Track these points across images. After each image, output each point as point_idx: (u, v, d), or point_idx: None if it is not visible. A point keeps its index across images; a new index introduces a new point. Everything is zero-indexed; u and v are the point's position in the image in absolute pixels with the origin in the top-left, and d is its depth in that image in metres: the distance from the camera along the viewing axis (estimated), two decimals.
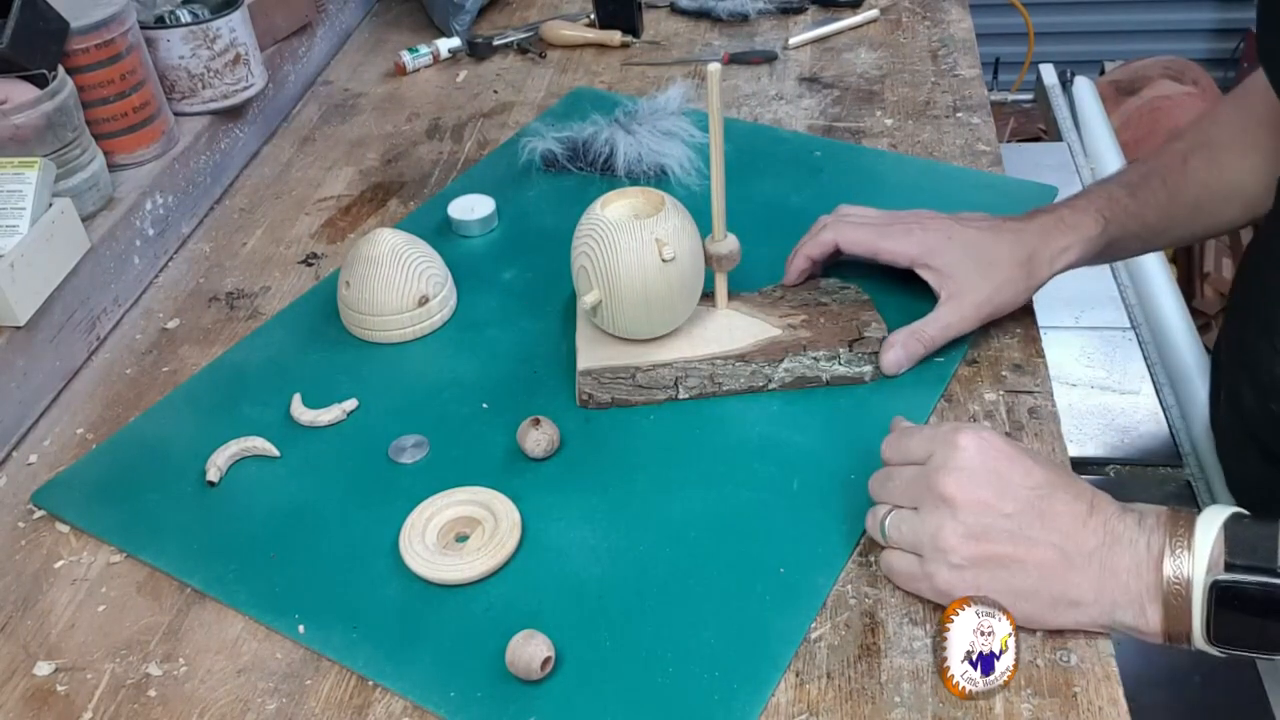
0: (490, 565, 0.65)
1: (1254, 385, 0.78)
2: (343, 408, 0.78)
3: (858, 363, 0.76)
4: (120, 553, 0.70)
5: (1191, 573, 0.53)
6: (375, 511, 0.70)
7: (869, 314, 0.79)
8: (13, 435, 0.79)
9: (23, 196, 0.79)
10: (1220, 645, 0.54)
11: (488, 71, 1.26)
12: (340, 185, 1.07)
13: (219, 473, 0.73)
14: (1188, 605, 0.54)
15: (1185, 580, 0.54)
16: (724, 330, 0.78)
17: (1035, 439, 0.72)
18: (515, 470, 0.72)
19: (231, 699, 0.61)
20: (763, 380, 0.76)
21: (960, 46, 1.23)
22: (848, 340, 0.76)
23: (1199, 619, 0.53)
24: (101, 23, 0.89)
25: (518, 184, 1.03)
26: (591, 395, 0.76)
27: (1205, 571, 0.53)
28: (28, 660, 0.64)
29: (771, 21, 1.32)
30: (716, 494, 0.70)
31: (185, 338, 0.88)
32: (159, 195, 0.96)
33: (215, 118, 1.04)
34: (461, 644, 0.62)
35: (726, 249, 0.76)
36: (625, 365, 0.76)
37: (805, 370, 0.76)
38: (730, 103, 1.15)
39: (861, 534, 0.67)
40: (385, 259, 0.82)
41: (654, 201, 0.76)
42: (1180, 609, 0.54)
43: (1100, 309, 1.21)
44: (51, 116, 0.83)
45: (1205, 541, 0.54)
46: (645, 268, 0.72)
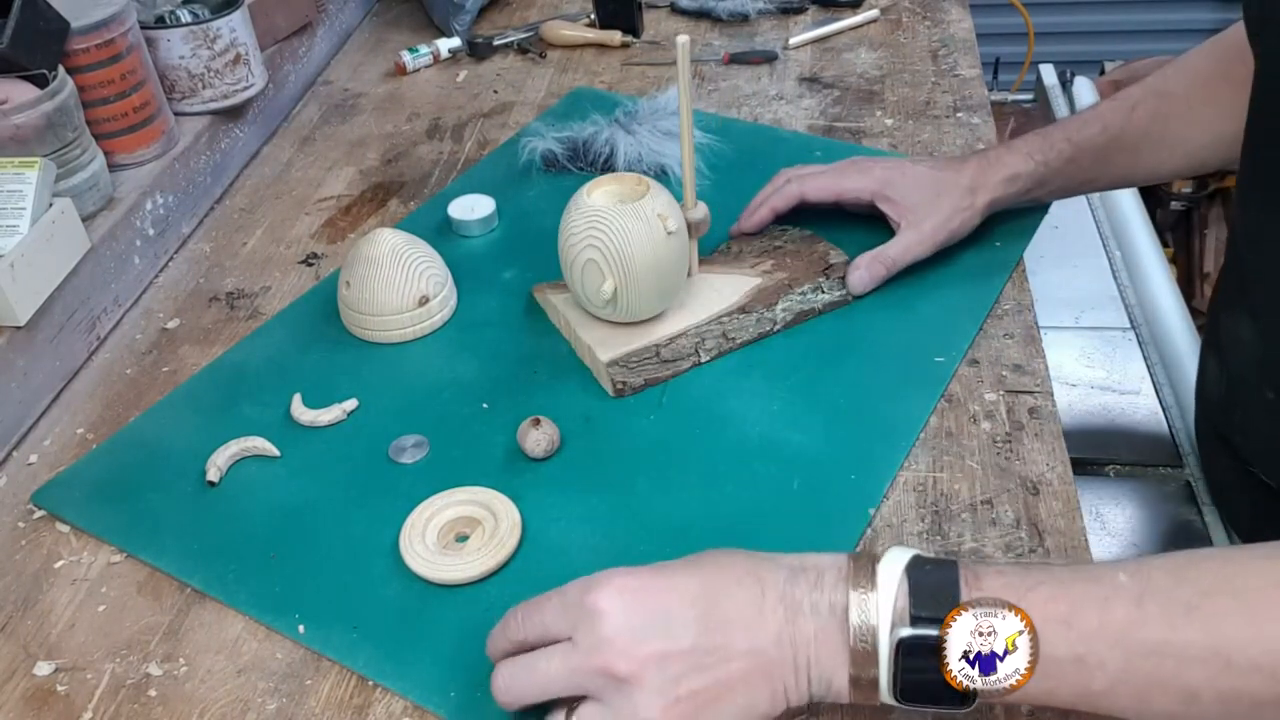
0: (490, 565, 0.65)
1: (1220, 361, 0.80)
2: (343, 408, 0.78)
3: (837, 287, 0.83)
4: (120, 553, 0.70)
5: (877, 621, 0.50)
6: (375, 511, 0.70)
7: (822, 245, 0.86)
8: (13, 435, 0.79)
9: (23, 196, 0.79)
10: (906, 701, 0.50)
11: (488, 71, 1.26)
12: (340, 185, 1.07)
13: (219, 473, 0.73)
14: (875, 654, 0.50)
15: (872, 629, 0.50)
16: (711, 291, 0.82)
17: (1035, 439, 0.72)
18: (515, 470, 0.72)
19: (231, 699, 0.61)
20: (768, 325, 0.81)
21: (960, 46, 1.23)
22: (821, 270, 0.83)
23: (885, 673, 0.50)
24: (101, 23, 0.89)
25: (518, 184, 1.03)
26: (625, 382, 0.77)
27: (890, 626, 0.49)
28: (28, 660, 0.64)
29: (771, 21, 1.32)
30: (716, 494, 0.70)
31: (185, 338, 0.88)
32: (159, 195, 0.96)
33: (215, 118, 1.04)
34: (462, 644, 0.62)
35: (699, 215, 0.80)
36: (646, 345, 0.78)
37: (800, 305, 0.82)
38: (730, 103, 1.15)
39: (862, 534, 0.67)
40: (385, 259, 0.82)
41: (632, 183, 0.78)
42: (867, 656, 0.50)
43: (1100, 309, 1.21)
44: (51, 116, 0.83)
45: (889, 591, 0.50)
46: (655, 245, 0.74)
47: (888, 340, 0.81)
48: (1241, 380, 0.79)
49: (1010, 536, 0.66)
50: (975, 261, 0.87)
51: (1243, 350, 0.79)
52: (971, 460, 0.72)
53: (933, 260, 0.86)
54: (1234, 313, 0.80)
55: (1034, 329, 0.81)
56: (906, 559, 0.51)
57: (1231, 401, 0.82)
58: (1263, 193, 0.72)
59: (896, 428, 0.74)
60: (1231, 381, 0.82)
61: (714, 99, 1.16)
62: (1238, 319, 0.79)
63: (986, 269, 0.87)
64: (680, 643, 0.50)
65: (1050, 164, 0.83)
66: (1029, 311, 0.83)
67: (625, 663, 0.50)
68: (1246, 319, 0.78)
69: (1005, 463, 0.71)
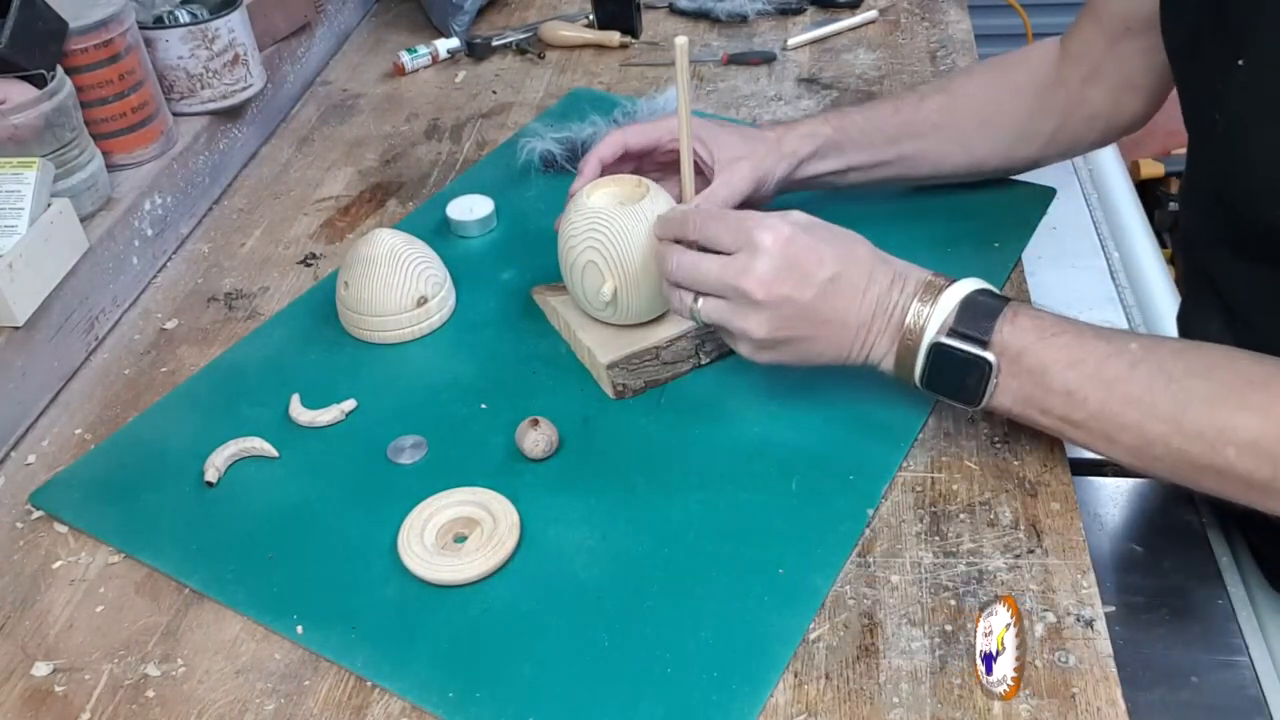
0: (489, 566, 0.65)
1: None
2: (341, 408, 0.78)
3: None
4: (118, 553, 0.70)
5: (924, 328, 0.66)
6: (374, 512, 0.70)
7: None
8: (11, 435, 0.78)
9: (21, 197, 0.79)
10: (927, 389, 0.67)
11: (486, 72, 1.26)
12: (339, 185, 1.07)
13: (217, 473, 0.73)
14: (915, 354, 0.66)
15: (917, 333, 0.66)
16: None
17: (1033, 439, 0.72)
18: (514, 471, 0.72)
19: (230, 699, 0.61)
20: None
21: (959, 47, 1.23)
22: None
23: (919, 367, 0.66)
24: (100, 23, 0.89)
25: (516, 184, 1.03)
26: (626, 385, 0.77)
27: (935, 332, 0.65)
28: (26, 661, 0.64)
29: (770, 22, 1.32)
30: (715, 494, 0.70)
31: (184, 338, 0.88)
32: (157, 195, 0.96)
33: (214, 118, 1.04)
34: (460, 644, 0.62)
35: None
36: (647, 348, 0.78)
37: None
38: (729, 103, 1.15)
39: (861, 535, 0.67)
40: (384, 259, 0.82)
41: (632, 185, 0.78)
42: (908, 355, 0.67)
43: (1099, 310, 1.21)
44: (50, 117, 0.83)
45: (944, 309, 0.65)
46: (656, 247, 0.74)
47: None
48: None
49: (1009, 537, 0.66)
50: (974, 262, 0.87)
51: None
52: (970, 460, 0.72)
53: (932, 261, 0.85)
54: (1201, 313, 0.82)
55: None
56: (969, 290, 0.66)
57: None
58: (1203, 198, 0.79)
59: (894, 428, 0.74)
60: None
61: (713, 100, 1.16)
62: (1205, 319, 0.81)
63: (985, 269, 0.85)
64: (804, 295, 0.66)
65: (845, 131, 0.86)
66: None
67: (762, 291, 0.66)
68: (1214, 316, 0.79)
69: (1003, 463, 0.71)
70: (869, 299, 0.67)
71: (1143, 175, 1.81)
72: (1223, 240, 0.76)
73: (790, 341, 0.68)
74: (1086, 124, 0.88)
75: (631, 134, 0.84)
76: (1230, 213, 0.73)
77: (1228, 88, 0.68)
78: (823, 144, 0.86)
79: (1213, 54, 0.70)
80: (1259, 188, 0.67)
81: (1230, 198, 0.72)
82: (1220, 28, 0.69)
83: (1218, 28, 0.70)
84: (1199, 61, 0.73)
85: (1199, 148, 0.78)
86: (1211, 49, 0.71)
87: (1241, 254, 0.74)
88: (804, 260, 0.66)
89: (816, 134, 0.86)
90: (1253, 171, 0.68)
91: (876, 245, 0.69)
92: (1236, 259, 0.75)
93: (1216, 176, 0.74)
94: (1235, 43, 0.67)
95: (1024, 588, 0.63)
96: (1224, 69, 0.69)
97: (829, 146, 0.86)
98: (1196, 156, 0.79)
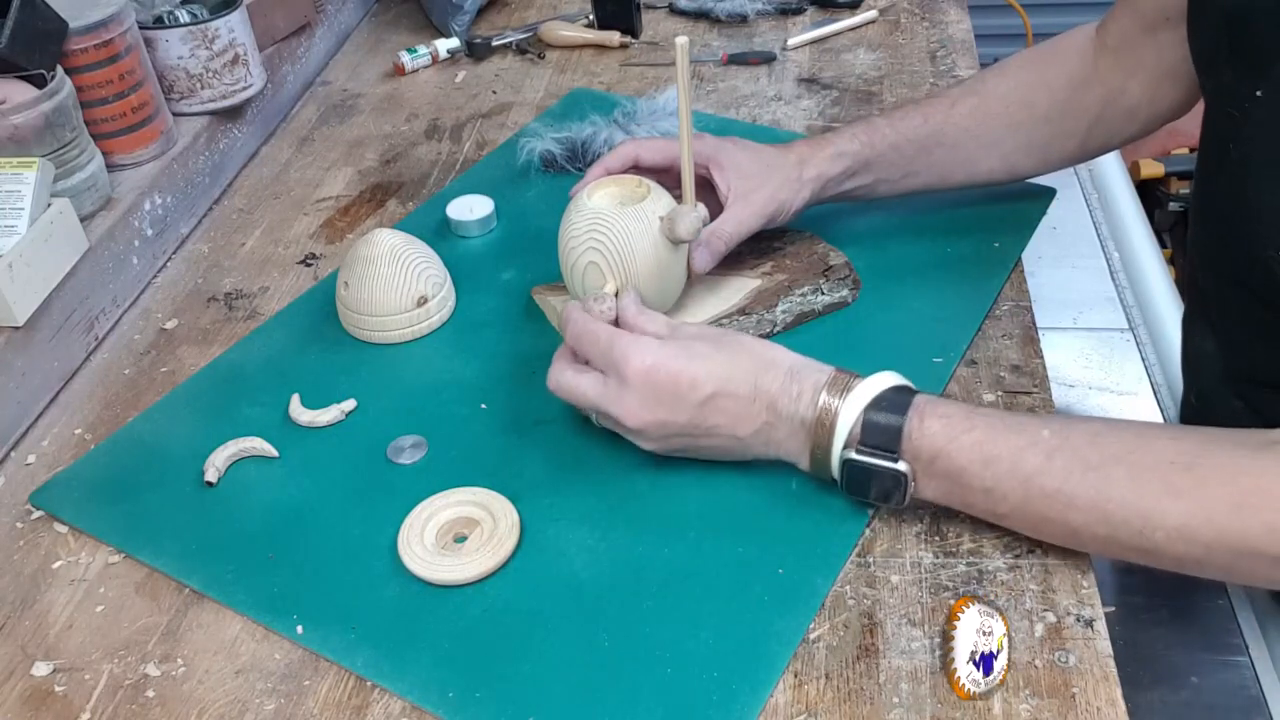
0: (489, 566, 0.65)
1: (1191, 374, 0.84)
2: (341, 408, 0.78)
3: (837, 289, 0.83)
4: (118, 553, 0.70)
5: (830, 442, 0.64)
6: (374, 512, 0.70)
7: (822, 246, 0.86)
8: (11, 435, 0.78)
9: (21, 197, 0.79)
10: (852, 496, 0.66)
11: (486, 72, 1.26)
12: (339, 185, 1.07)
13: (217, 473, 0.73)
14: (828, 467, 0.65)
15: (825, 444, 0.64)
16: (711, 293, 0.82)
17: None
18: (514, 471, 0.72)
19: (230, 700, 0.61)
20: (768, 326, 0.81)
21: (959, 47, 1.23)
22: (820, 271, 0.83)
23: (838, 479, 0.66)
24: (100, 23, 0.89)
25: (516, 184, 1.03)
26: None
27: (842, 447, 0.64)
28: (26, 661, 0.64)
29: (770, 22, 1.32)
30: (715, 494, 0.70)
31: (184, 338, 0.88)
32: (157, 195, 0.96)
33: (214, 118, 1.04)
34: (460, 644, 0.62)
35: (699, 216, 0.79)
36: None
37: (800, 307, 0.82)
38: (729, 104, 1.15)
39: (860, 535, 0.67)
40: (384, 259, 0.82)
41: (633, 185, 0.77)
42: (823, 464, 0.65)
43: (1098, 310, 1.21)
44: (50, 117, 0.83)
45: (847, 421, 0.64)
46: (658, 248, 0.74)
47: (886, 341, 0.81)
48: (1212, 392, 0.81)
49: (1009, 537, 0.66)
50: (974, 262, 0.87)
51: (1208, 363, 0.81)
52: None
53: (932, 261, 0.86)
54: (1197, 325, 0.82)
55: (1032, 330, 0.82)
56: (871, 396, 0.64)
57: (1207, 412, 0.83)
58: (1208, 217, 0.77)
59: None
60: (1201, 394, 0.83)
61: (712, 100, 1.16)
62: (1202, 332, 0.81)
63: (985, 269, 0.87)
64: (679, 418, 0.66)
65: (875, 146, 0.84)
66: (1027, 312, 0.83)
67: (633, 420, 0.66)
68: (1209, 332, 0.79)
69: None
70: (758, 408, 0.66)
71: (1143, 175, 1.81)
72: (1221, 264, 0.75)
73: (686, 449, 0.69)
74: (1126, 116, 0.85)
75: (646, 149, 0.82)
76: (1235, 240, 0.71)
77: (1244, 117, 0.67)
78: (852, 162, 0.84)
79: (1230, 79, 0.69)
80: (1263, 231, 0.66)
81: (1236, 226, 0.70)
82: (1238, 54, 0.67)
83: (1235, 52, 0.68)
84: (1216, 80, 0.72)
85: (1211, 164, 0.75)
86: (1229, 74, 0.69)
87: (1242, 284, 0.72)
88: (673, 387, 0.65)
89: (845, 153, 0.83)
90: (1259, 208, 0.66)
91: (877, 250, 0.68)
92: (1237, 287, 0.73)
93: (1224, 200, 0.72)
94: (1254, 75, 0.65)
95: (1024, 588, 0.63)
96: (1241, 98, 0.66)
97: (859, 164, 0.84)
98: (1208, 173, 0.76)
